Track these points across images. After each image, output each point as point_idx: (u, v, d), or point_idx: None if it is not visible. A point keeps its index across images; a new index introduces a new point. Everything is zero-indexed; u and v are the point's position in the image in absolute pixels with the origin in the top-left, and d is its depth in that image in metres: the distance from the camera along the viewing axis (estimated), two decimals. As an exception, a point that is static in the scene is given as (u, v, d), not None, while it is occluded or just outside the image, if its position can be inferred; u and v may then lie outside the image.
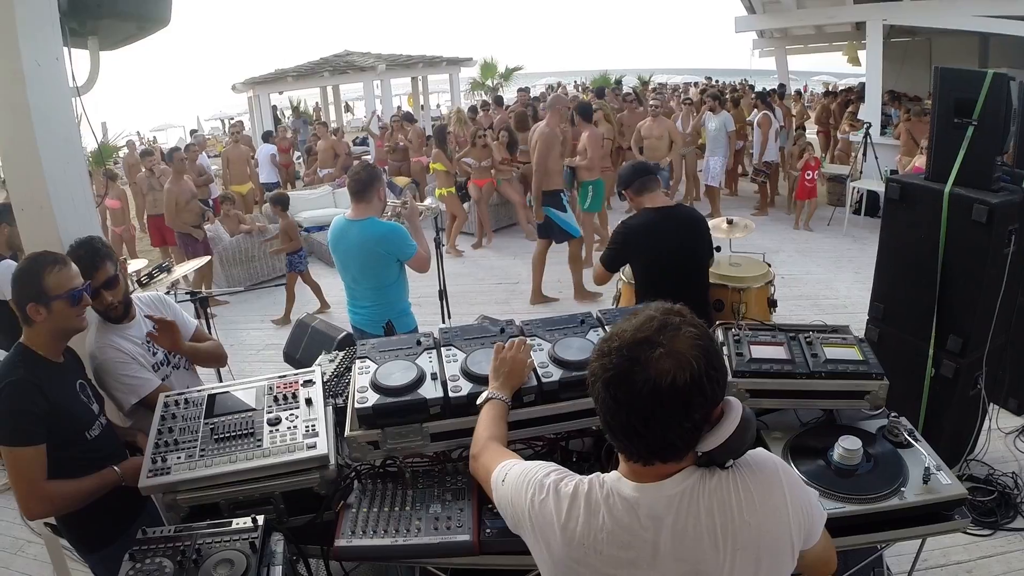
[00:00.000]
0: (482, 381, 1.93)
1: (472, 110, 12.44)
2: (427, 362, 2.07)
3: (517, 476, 1.37)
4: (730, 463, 1.20)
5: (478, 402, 1.83)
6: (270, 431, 1.96)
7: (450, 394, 1.93)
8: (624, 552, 1.20)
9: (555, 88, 17.71)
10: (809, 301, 6.31)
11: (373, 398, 1.92)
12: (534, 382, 1.94)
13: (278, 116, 17.40)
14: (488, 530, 1.82)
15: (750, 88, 14.62)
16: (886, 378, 2.07)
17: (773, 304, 3.94)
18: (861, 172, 8.98)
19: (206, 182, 9.46)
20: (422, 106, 18.74)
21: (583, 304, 6.33)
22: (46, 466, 1.97)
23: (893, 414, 2.13)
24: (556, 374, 1.96)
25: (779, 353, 2.15)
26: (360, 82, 16.38)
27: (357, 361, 2.11)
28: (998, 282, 3.12)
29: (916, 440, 2.04)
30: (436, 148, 8.32)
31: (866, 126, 8.95)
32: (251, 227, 7.72)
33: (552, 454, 2.09)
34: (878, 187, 7.85)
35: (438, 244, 4.91)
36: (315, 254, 8.88)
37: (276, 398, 2.10)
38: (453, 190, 8.40)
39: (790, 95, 13.27)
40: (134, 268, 4.54)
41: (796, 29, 13.53)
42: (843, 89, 14.81)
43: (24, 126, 2.44)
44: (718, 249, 3.65)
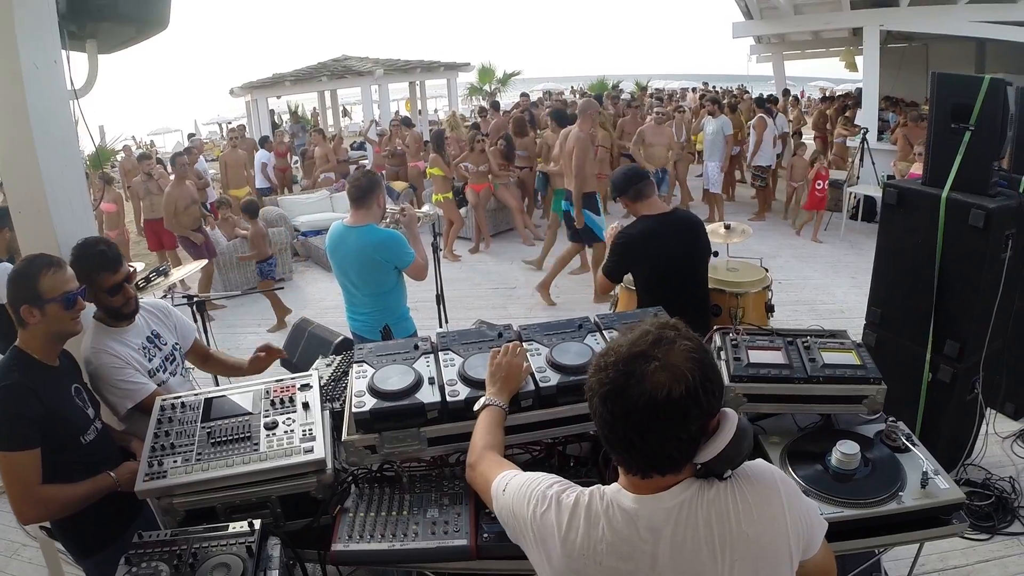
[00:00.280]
0: (479, 386, 1.92)
1: (481, 112, 12.45)
2: (425, 366, 2.06)
3: (519, 487, 1.37)
4: (728, 474, 1.21)
5: (475, 408, 1.82)
6: (267, 435, 1.95)
7: (448, 398, 1.92)
8: (623, 563, 1.20)
9: (551, 94, 17.72)
10: (806, 306, 6.32)
11: (371, 402, 1.92)
12: (532, 386, 1.93)
13: (275, 121, 17.40)
14: (485, 535, 1.81)
15: (746, 94, 14.68)
16: (884, 382, 2.07)
17: (771, 309, 3.95)
18: (858, 177, 9.01)
19: (203, 186, 9.46)
20: (420, 111, 18.75)
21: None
22: (41, 470, 1.95)
23: (891, 418, 2.13)
24: (554, 379, 1.95)
25: (777, 358, 2.15)
26: (358, 87, 16.40)
27: (355, 365, 2.10)
28: (995, 287, 3.12)
29: (914, 444, 2.04)
30: (434, 153, 8.31)
31: (863, 131, 8.98)
32: (247, 231, 7.70)
33: (550, 459, 2.09)
34: (875, 192, 7.88)
35: (436, 249, 4.91)
36: (312, 259, 8.89)
37: (273, 402, 2.09)
38: (450, 195, 8.38)
39: (785, 100, 13.30)
40: (131, 271, 4.52)
41: (793, 35, 13.58)
42: (840, 95, 14.86)
43: (22, 128, 2.44)
44: (715, 254, 3.64)
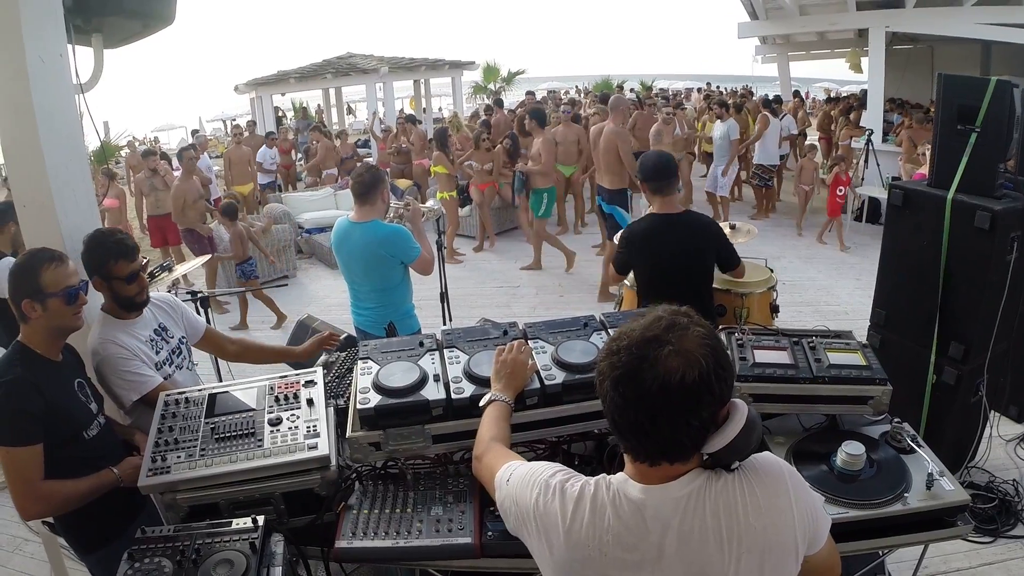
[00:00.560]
0: (485, 383, 1.92)
1: (487, 110, 12.43)
2: (430, 363, 2.06)
3: (522, 476, 1.36)
4: (736, 465, 1.20)
5: (481, 403, 1.82)
6: (271, 431, 1.95)
7: (452, 396, 1.92)
8: (629, 554, 1.19)
9: (555, 93, 17.73)
10: (811, 307, 6.31)
11: (375, 399, 1.91)
12: (537, 384, 1.93)
13: (279, 117, 17.40)
14: (490, 533, 1.80)
15: (750, 94, 14.64)
16: (889, 383, 2.06)
17: (775, 310, 3.93)
18: (863, 179, 8.98)
19: (205, 183, 9.45)
20: (424, 109, 18.75)
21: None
22: (43, 466, 1.95)
23: (896, 419, 2.12)
24: (559, 377, 1.95)
25: (783, 358, 2.14)
26: (362, 84, 16.36)
27: (359, 362, 2.10)
28: (1000, 289, 3.11)
29: (919, 446, 2.04)
30: (437, 151, 8.28)
31: (868, 133, 8.96)
32: (252, 228, 7.70)
33: (554, 457, 2.08)
34: (880, 194, 7.85)
35: (440, 247, 4.90)
36: (316, 256, 8.89)
37: (277, 398, 2.08)
38: (454, 194, 8.37)
39: (793, 101, 13.26)
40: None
41: (799, 36, 13.55)
42: (845, 96, 14.83)
43: (27, 122, 2.44)
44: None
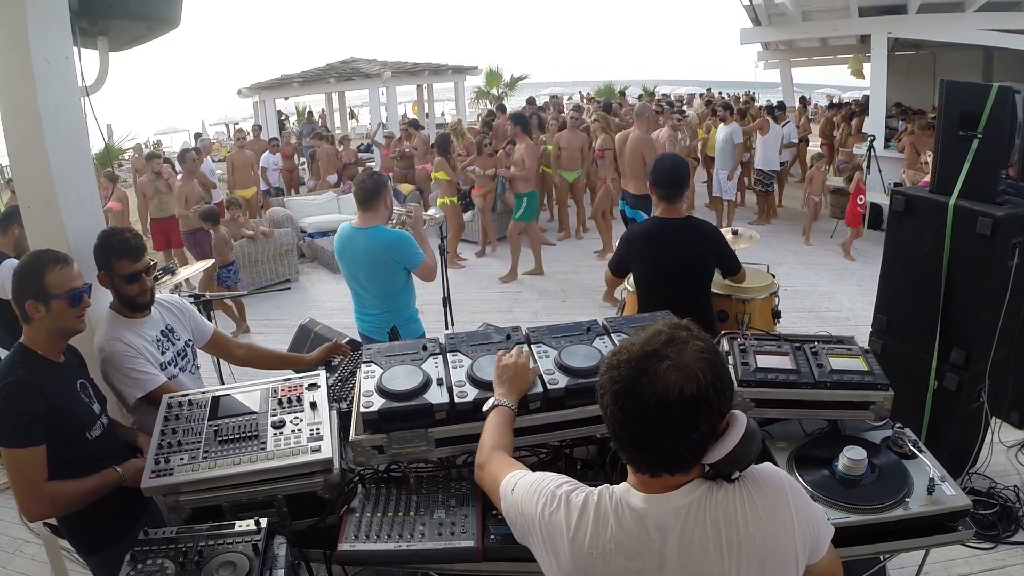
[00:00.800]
0: (488, 387, 1.92)
1: (490, 114, 12.45)
2: (433, 367, 2.06)
3: (528, 486, 1.37)
4: (736, 475, 1.21)
5: (484, 408, 1.82)
6: (274, 434, 1.95)
7: (456, 399, 1.92)
8: (631, 562, 1.20)
9: (557, 99, 17.74)
10: (812, 313, 6.32)
11: (379, 402, 1.92)
12: (540, 389, 1.93)
13: (282, 121, 17.44)
14: (492, 536, 1.81)
15: (752, 100, 14.67)
16: (891, 389, 2.07)
17: (777, 315, 3.93)
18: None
19: (208, 187, 9.46)
20: (427, 114, 18.77)
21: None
22: (46, 467, 1.95)
23: (898, 425, 2.12)
24: (562, 381, 1.95)
25: (785, 363, 2.14)
26: (365, 89, 16.41)
27: (363, 365, 2.10)
28: (1002, 295, 3.12)
29: (920, 451, 2.04)
30: (439, 156, 8.27)
31: (870, 139, 8.97)
32: (254, 232, 7.72)
33: (557, 461, 2.08)
34: (882, 200, 7.86)
35: (442, 252, 4.91)
36: (318, 260, 8.90)
37: (280, 401, 2.09)
38: (456, 199, 8.38)
39: (794, 107, 13.28)
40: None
41: (801, 42, 13.59)
42: (847, 102, 14.86)
43: (32, 124, 2.45)
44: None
